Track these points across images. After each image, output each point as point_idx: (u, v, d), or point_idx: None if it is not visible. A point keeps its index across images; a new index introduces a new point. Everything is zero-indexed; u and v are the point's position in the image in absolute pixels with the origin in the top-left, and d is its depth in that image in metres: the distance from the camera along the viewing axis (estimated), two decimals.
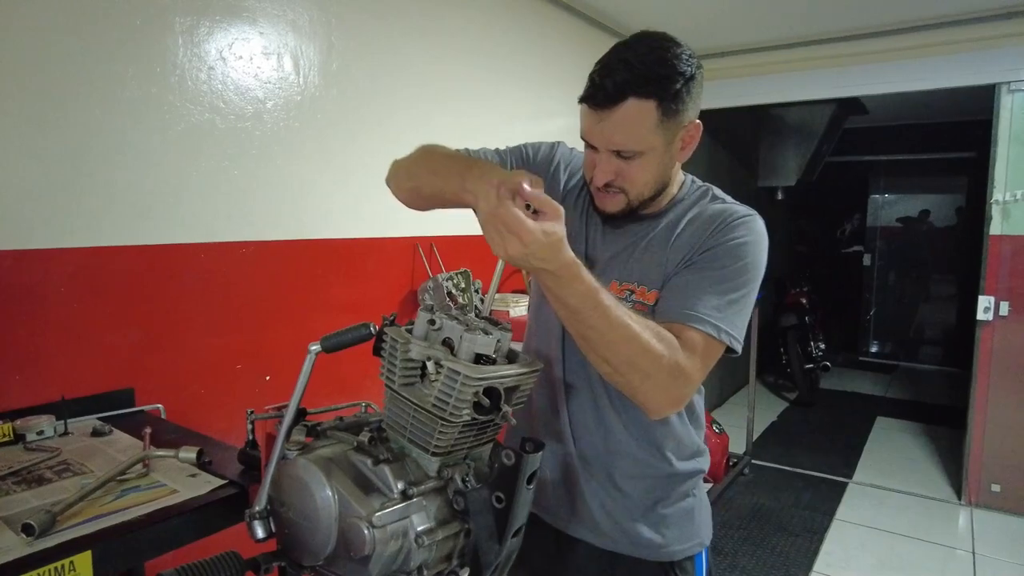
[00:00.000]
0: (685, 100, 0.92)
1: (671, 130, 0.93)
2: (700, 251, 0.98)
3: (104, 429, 1.30)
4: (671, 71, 0.90)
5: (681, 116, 0.93)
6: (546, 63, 2.86)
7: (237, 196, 1.69)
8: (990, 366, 3.22)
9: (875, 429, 4.55)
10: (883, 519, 3.20)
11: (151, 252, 1.54)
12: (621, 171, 0.96)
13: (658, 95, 0.89)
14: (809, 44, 3.47)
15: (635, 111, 0.90)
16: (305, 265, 1.88)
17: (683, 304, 0.94)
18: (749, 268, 0.97)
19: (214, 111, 1.62)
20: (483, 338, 0.78)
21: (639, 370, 0.87)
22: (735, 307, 0.95)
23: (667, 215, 1.05)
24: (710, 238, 0.98)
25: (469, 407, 0.76)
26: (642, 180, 0.98)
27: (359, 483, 0.79)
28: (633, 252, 1.04)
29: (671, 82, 0.90)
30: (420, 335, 0.83)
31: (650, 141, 0.93)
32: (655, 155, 0.95)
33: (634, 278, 1.03)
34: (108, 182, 1.45)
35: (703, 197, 1.06)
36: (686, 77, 0.91)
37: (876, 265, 6.66)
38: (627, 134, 0.92)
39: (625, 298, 1.01)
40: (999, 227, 3.12)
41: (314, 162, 1.87)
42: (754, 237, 0.99)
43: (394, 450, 0.83)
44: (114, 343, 1.48)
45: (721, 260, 0.96)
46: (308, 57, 1.83)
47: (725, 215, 1.00)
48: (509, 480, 0.78)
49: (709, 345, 0.92)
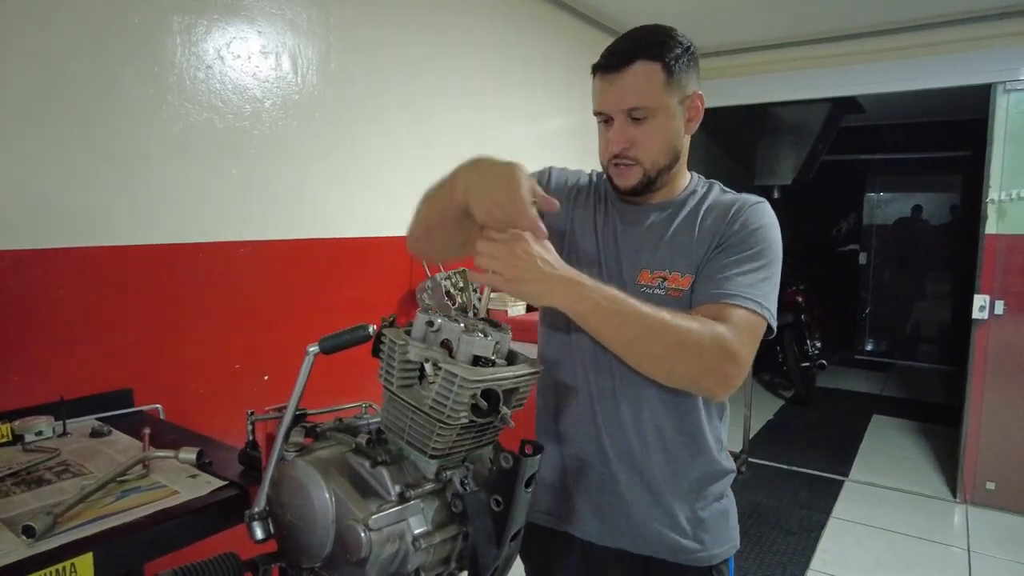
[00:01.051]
0: (686, 67, 1.01)
1: (677, 92, 1.01)
2: (724, 236, 1.02)
3: (103, 430, 1.30)
4: (671, 40, 1.02)
5: (685, 82, 1.01)
6: (544, 62, 2.86)
7: (235, 196, 1.69)
8: (985, 365, 3.24)
9: (871, 427, 4.57)
10: (879, 517, 3.22)
11: (149, 252, 1.54)
12: (634, 138, 1.01)
13: (663, 57, 0.99)
14: (805, 43, 3.47)
15: (643, 71, 0.99)
16: (303, 265, 1.88)
17: (718, 285, 0.98)
18: (773, 248, 1.03)
19: (212, 110, 1.62)
20: (481, 340, 0.79)
21: (689, 354, 0.90)
22: (767, 284, 0.99)
23: (686, 204, 1.09)
24: (731, 224, 1.03)
25: (467, 409, 0.76)
26: (656, 146, 1.02)
27: (357, 485, 0.79)
28: (660, 241, 1.07)
29: (672, 47, 1.00)
30: (418, 337, 0.84)
31: (660, 99, 0.99)
32: (666, 117, 1.01)
33: (665, 265, 1.05)
34: (106, 182, 1.45)
35: (712, 189, 1.12)
36: (684, 46, 1.02)
37: (872, 263, 6.68)
38: (638, 92, 0.99)
39: (657, 285, 1.04)
40: (994, 226, 3.13)
41: (312, 161, 1.87)
42: (770, 219, 1.05)
43: (392, 452, 0.83)
44: (112, 343, 1.48)
45: (747, 243, 1.01)
46: (306, 56, 1.83)
47: (740, 203, 1.06)
48: (507, 483, 0.78)
49: (751, 320, 0.96)
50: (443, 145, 2.33)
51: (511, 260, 0.84)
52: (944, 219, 6.38)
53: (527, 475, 0.78)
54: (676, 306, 1.00)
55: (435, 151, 2.30)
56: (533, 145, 2.82)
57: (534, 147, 2.82)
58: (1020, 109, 3.02)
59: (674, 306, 0.99)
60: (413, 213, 1.07)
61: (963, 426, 3.34)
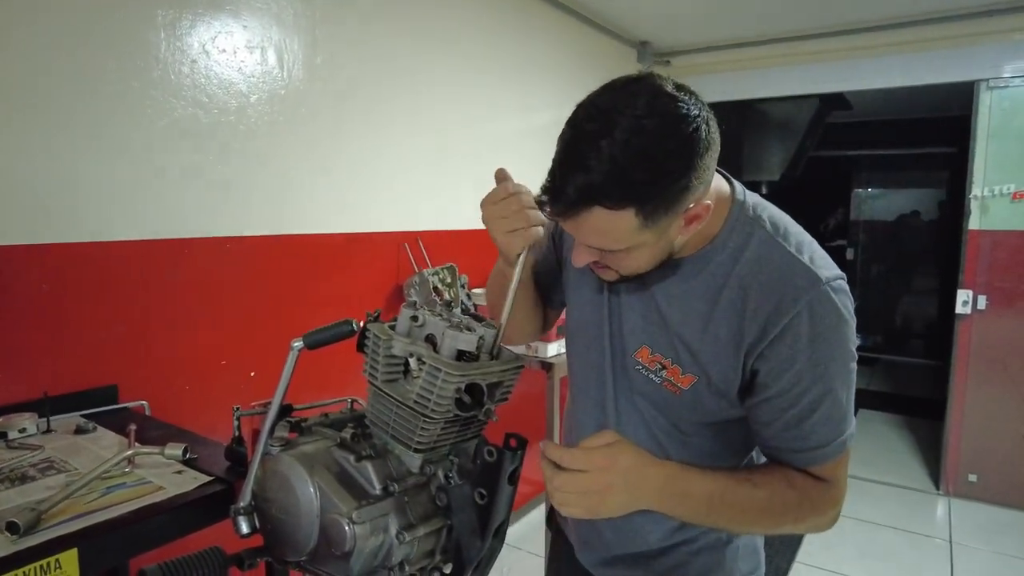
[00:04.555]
0: (681, 196, 0.72)
1: (663, 224, 0.74)
2: (775, 359, 0.79)
3: (88, 426, 1.30)
4: (653, 171, 0.68)
5: (678, 207, 0.73)
6: (532, 56, 2.86)
7: (221, 191, 1.68)
8: (968, 359, 3.29)
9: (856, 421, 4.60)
10: (864, 509, 3.26)
11: (134, 248, 1.53)
12: (604, 257, 0.81)
13: (635, 203, 0.70)
14: (792, 40, 3.50)
15: (605, 219, 0.71)
16: (290, 260, 1.88)
17: (803, 444, 0.81)
18: (848, 351, 0.80)
19: (197, 105, 1.61)
20: (465, 335, 0.79)
21: (789, 525, 0.84)
22: (850, 404, 0.82)
23: (705, 267, 0.84)
24: (783, 339, 0.77)
25: (451, 403, 0.77)
26: (633, 267, 0.81)
27: (341, 479, 0.80)
28: (665, 316, 0.88)
29: (653, 186, 0.69)
30: (403, 331, 0.84)
31: (634, 240, 0.75)
32: (646, 248, 0.77)
33: (667, 352, 0.88)
34: (90, 177, 1.44)
35: (750, 243, 0.82)
36: (682, 170, 0.69)
37: (859, 259, 6.74)
38: (600, 240, 0.76)
39: (655, 371, 0.90)
40: (977, 222, 3.17)
41: (299, 157, 1.87)
42: (838, 316, 0.78)
43: (377, 446, 0.84)
44: (97, 340, 1.48)
45: (818, 371, 0.78)
46: (292, 51, 1.83)
47: (794, 294, 0.77)
48: (491, 477, 0.79)
49: (844, 459, 0.85)
50: (432, 139, 2.33)
51: (587, 496, 0.76)
52: (932, 215, 6.43)
53: (510, 469, 0.78)
54: (671, 401, 0.90)
55: (424, 145, 2.30)
56: (523, 138, 2.82)
57: (524, 140, 2.82)
58: (1003, 106, 3.06)
59: (670, 400, 0.90)
60: None
61: (946, 420, 3.39)
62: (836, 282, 0.79)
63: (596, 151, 0.68)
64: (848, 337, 0.80)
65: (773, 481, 0.85)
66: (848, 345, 0.80)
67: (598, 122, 0.69)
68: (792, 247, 0.81)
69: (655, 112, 0.68)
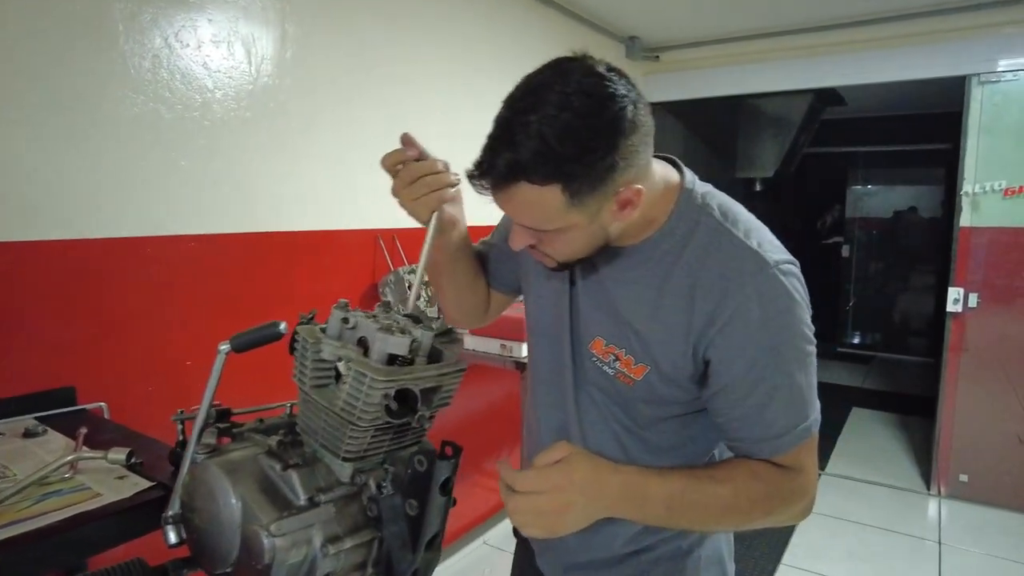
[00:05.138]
0: (608, 175, 0.71)
1: (592, 205, 0.74)
2: (725, 348, 0.78)
3: (37, 429, 1.26)
4: (578, 147, 0.68)
5: (604, 189, 0.73)
6: (514, 50, 2.82)
7: (184, 188, 1.65)
8: (959, 357, 3.24)
9: (850, 420, 4.58)
10: (853, 510, 3.23)
11: (93, 246, 1.49)
12: (539, 239, 0.80)
13: (560, 179, 0.70)
14: (783, 34, 3.45)
15: (532, 195, 0.71)
16: (259, 259, 1.85)
17: (766, 432, 0.80)
18: (802, 335, 0.79)
19: (159, 100, 1.57)
20: (396, 338, 0.76)
21: (760, 519, 0.82)
22: (811, 389, 0.81)
23: (653, 254, 0.84)
24: (731, 327, 0.77)
25: (379, 410, 0.73)
26: (568, 251, 0.81)
27: (266, 489, 0.76)
28: (616, 304, 0.87)
29: (577, 163, 0.69)
30: (334, 334, 0.81)
31: (563, 220, 0.74)
32: (577, 229, 0.77)
33: (620, 343, 0.87)
34: (46, 174, 1.41)
35: (696, 231, 0.82)
36: (607, 147, 0.69)
37: (855, 256, 6.69)
38: (528, 217, 0.76)
39: (609, 363, 0.89)
40: (968, 219, 3.13)
41: (267, 153, 1.83)
42: (788, 299, 0.77)
43: (306, 455, 0.80)
44: (54, 340, 1.44)
45: (770, 357, 0.77)
46: (261, 45, 1.79)
47: (739, 281, 0.77)
48: (422, 487, 0.76)
49: (810, 445, 0.83)
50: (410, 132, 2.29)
51: (544, 516, 0.75)
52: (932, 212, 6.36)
53: (441, 478, 0.75)
54: (625, 392, 0.89)
55: None
56: None
57: None
58: (994, 101, 3.01)
59: (624, 392, 0.89)
60: None
61: (937, 419, 3.35)
62: (785, 265, 0.79)
63: (524, 127, 0.69)
64: (801, 319, 0.79)
65: (737, 475, 0.82)
66: (802, 328, 0.79)
67: (528, 99, 0.71)
68: (740, 233, 0.80)
69: (583, 90, 0.69)
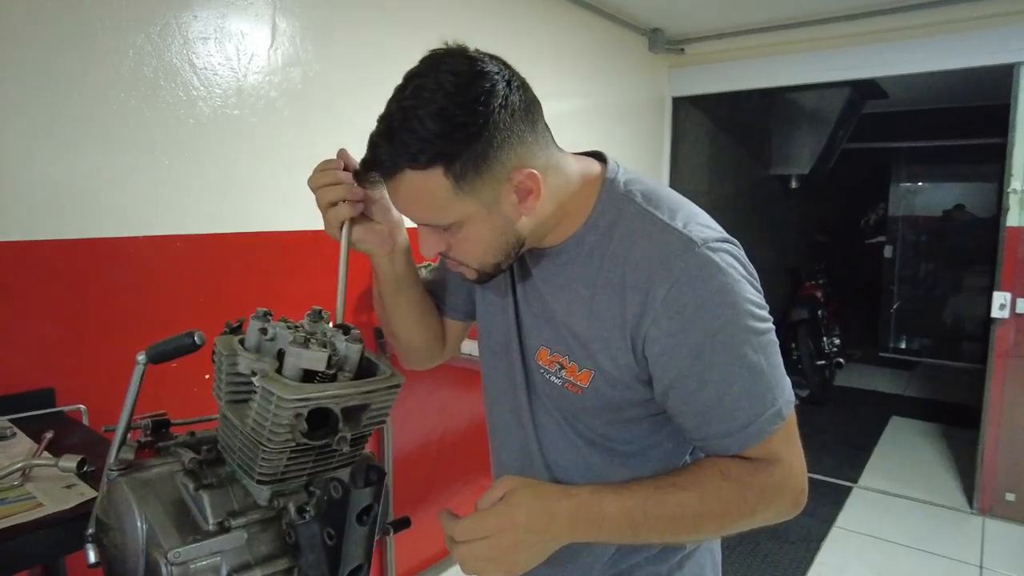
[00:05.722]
0: (487, 151, 0.69)
1: (483, 190, 0.72)
2: (667, 344, 0.73)
3: (6, 432, 1.24)
4: (449, 124, 0.68)
5: (490, 170, 0.71)
6: (533, 46, 2.73)
7: (169, 187, 1.62)
8: (1005, 366, 3.03)
9: (888, 429, 4.35)
10: (886, 527, 3.04)
11: (76, 246, 1.48)
12: (447, 244, 0.78)
13: (440, 160, 0.69)
14: (819, 22, 3.26)
15: (418, 183, 0.71)
16: (247, 259, 1.81)
17: (730, 425, 0.74)
18: (752, 315, 0.73)
19: (141, 99, 1.54)
20: (310, 352, 0.69)
21: (740, 521, 0.75)
22: (773, 370, 0.75)
23: (580, 250, 0.81)
24: (666, 318, 0.72)
25: (288, 431, 0.67)
26: (475, 252, 0.77)
27: (175, 511, 0.71)
28: (552, 308, 0.84)
29: (452, 141, 0.68)
30: (252, 346, 0.75)
31: (457, 211, 0.72)
32: (477, 222, 0.74)
33: (562, 349, 0.83)
34: (25, 173, 1.39)
35: (619, 221, 0.78)
36: (479, 123, 0.68)
37: (899, 257, 6.37)
38: (421, 209, 0.74)
39: (555, 372, 0.84)
40: (1017, 218, 2.91)
41: (255, 151, 1.79)
42: (721, 279, 0.72)
43: (224, 474, 0.75)
44: (35, 340, 1.43)
45: (716, 344, 0.72)
46: (252, 41, 1.75)
47: (671, 255, 0.73)
48: (338, 515, 0.69)
49: (785, 432, 0.76)
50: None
51: (494, 561, 0.70)
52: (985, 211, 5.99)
53: (359, 507, 0.68)
54: (576, 403, 0.83)
55: None
56: None
57: None
58: None
59: (574, 402, 0.83)
60: None
61: (981, 431, 3.13)
62: (716, 243, 0.74)
63: (400, 112, 0.70)
64: (742, 295, 0.73)
65: (703, 478, 0.75)
66: (745, 305, 0.73)
67: (405, 88, 0.72)
68: (664, 215, 0.77)
69: (453, 71, 0.70)
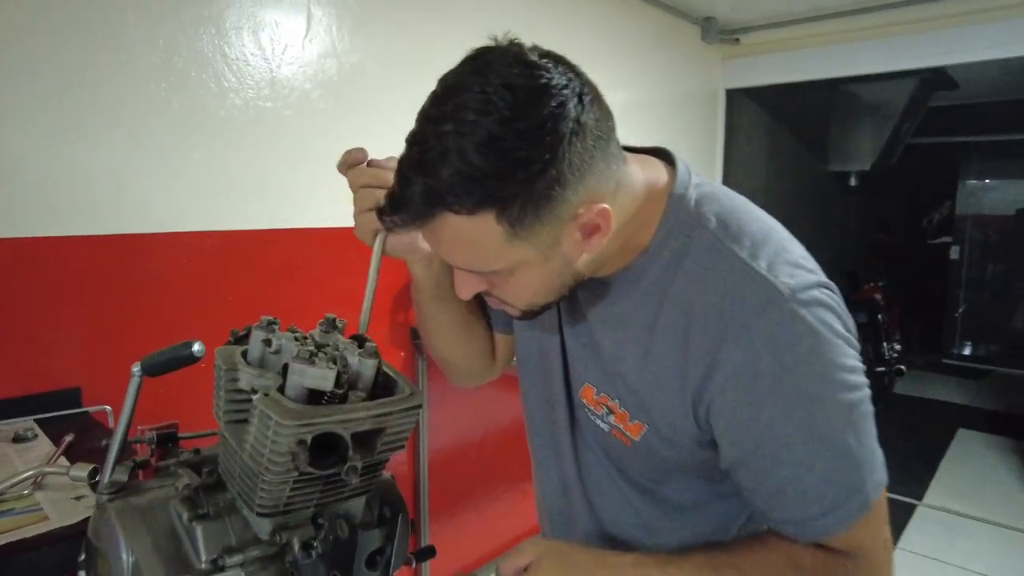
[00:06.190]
0: (552, 191, 0.55)
1: (542, 233, 0.57)
2: (728, 395, 0.61)
3: (28, 434, 1.21)
4: (503, 160, 0.52)
5: (553, 212, 0.56)
6: (579, 37, 2.60)
7: (199, 182, 1.57)
8: None
9: (955, 443, 4.07)
10: (954, 550, 2.82)
11: (101, 242, 1.44)
12: (490, 283, 0.65)
13: (491, 204, 0.54)
14: (883, 8, 3.04)
15: (461, 230, 0.56)
16: (282, 256, 1.75)
17: (807, 512, 0.62)
18: (845, 385, 0.61)
19: (170, 90, 1.50)
20: (315, 370, 0.60)
21: None
22: (864, 448, 0.62)
23: (637, 284, 0.67)
24: (732, 384, 0.60)
25: (288, 459, 0.58)
26: (524, 296, 0.65)
27: (166, 544, 0.63)
28: (600, 347, 0.72)
29: (508, 182, 0.53)
30: (255, 359, 0.67)
31: (508, 258, 0.59)
32: (531, 267, 0.61)
33: (611, 392, 0.72)
34: (52, 168, 1.36)
35: (688, 254, 0.64)
36: (545, 157, 0.53)
37: (966, 258, 5.99)
38: (463, 257, 0.61)
39: (602, 416, 0.73)
40: None
41: (289, 146, 1.73)
42: (825, 333, 0.60)
43: (223, 503, 0.67)
44: (60, 338, 1.40)
45: (798, 407, 0.60)
46: (286, 30, 1.69)
47: (750, 309, 0.59)
48: (346, 557, 0.60)
49: (872, 519, 0.63)
50: None
51: None
52: None
53: (368, 550, 0.59)
54: (626, 455, 0.73)
55: None
56: None
57: None
58: None
59: (623, 453, 0.73)
60: None
61: None
62: (808, 293, 0.60)
63: (438, 140, 0.53)
64: (835, 362, 0.60)
65: (768, 564, 0.63)
66: (837, 374, 0.60)
67: (441, 107, 0.55)
68: (744, 251, 0.62)
69: (507, 85, 0.53)
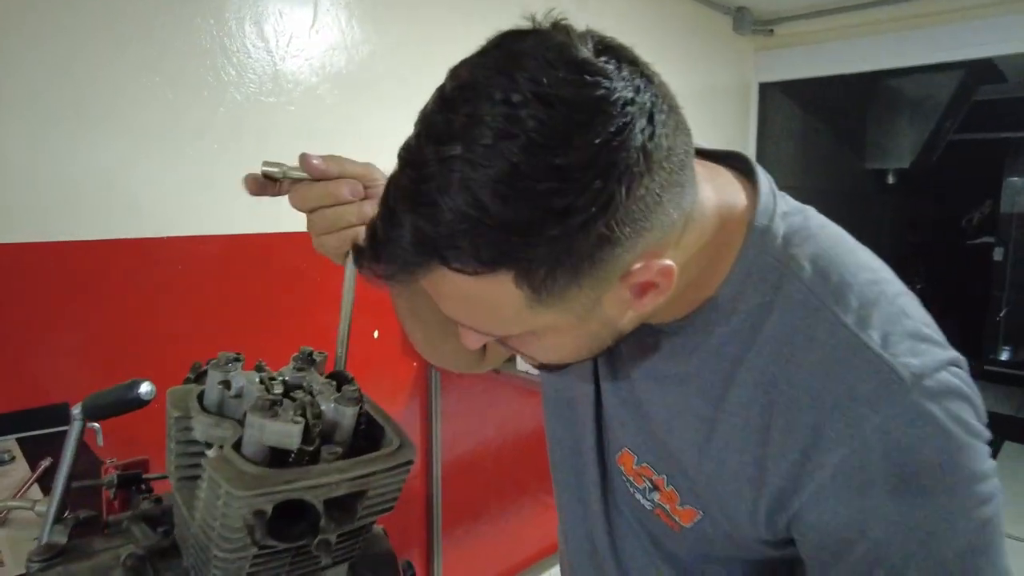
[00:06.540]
0: (599, 250, 0.39)
1: (579, 298, 0.43)
2: (824, 507, 0.46)
3: (4, 456, 1.12)
4: (531, 208, 0.37)
5: (596, 274, 0.41)
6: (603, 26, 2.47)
7: (196, 185, 1.48)
8: None
9: (1001, 457, 3.86)
10: None
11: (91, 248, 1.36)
12: (502, 340, 0.50)
13: (509, 264, 0.39)
14: None
15: (468, 289, 0.41)
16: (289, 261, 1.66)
17: None
18: (978, 498, 0.45)
19: (169, 84, 1.40)
20: (277, 425, 0.48)
21: None
22: (992, 568, 0.47)
23: (703, 342, 0.52)
24: (843, 481, 0.45)
25: (242, 533, 0.47)
26: (548, 357, 0.51)
27: None
28: (648, 413, 0.58)
29: (535, 239, 0.38)
30: (212, 404, 0.55)
31: (530, 324, 0.44)
32: (560, 332, 0.46)
33: (656, 464, 0.58)
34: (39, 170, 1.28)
35: (779, 293, 0.48)
36: (591, 210, 0.37)
37: (1010, 260, 5.72)
38: (469, 316, 0.46)
39: (644, 492, 0.60)
40: None
41: (293, 144, 1.62)
42: (957, 434, 0.44)
43: (179, 571, 0.56)
44: (46, 350, 1.32)
45: (916, 527, 0.45)
46: (290, 20, 1.58)
47: (859, 398, 0.44)
48: None
49: None
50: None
51: None
52: None
53: None
54: (672, 539, 0.60)
55: None
56: None
57: None
58: None
59: (667, 536, 0.60)
60: None
61: None
62: (936, 378, 0.44)
63: (440, 166, 0.37)
64: (967, 471, 0.44)
65: None
66: (968, 487, 0.44)
67: (450, 111, 0.39)
68: (850, 315, 0.45)
69: (543, 96, 0.36)
